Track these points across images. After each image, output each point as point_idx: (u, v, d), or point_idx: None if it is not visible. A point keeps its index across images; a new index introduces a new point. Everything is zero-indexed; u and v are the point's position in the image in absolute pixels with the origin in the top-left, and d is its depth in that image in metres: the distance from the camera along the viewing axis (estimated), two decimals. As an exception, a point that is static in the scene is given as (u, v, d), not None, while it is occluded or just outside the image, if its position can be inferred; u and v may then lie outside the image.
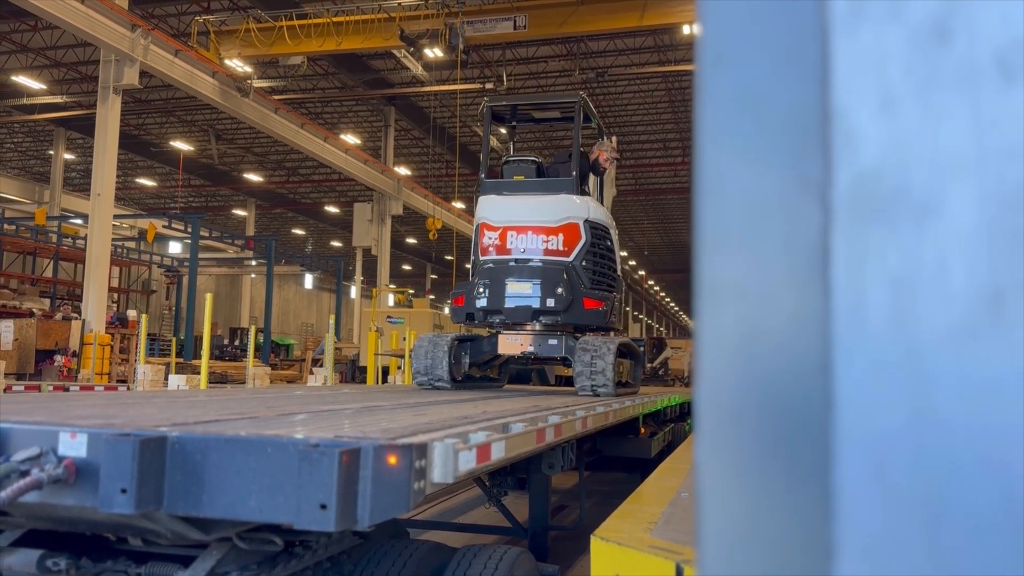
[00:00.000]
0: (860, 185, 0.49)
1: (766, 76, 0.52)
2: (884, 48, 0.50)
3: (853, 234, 0.49)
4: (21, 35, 25.05)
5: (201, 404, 3.65)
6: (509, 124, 8.49)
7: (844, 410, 0.49)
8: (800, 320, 0.50)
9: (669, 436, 8.93)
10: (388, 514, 1.97)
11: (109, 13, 16.93)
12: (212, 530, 2.28)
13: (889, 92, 0.50)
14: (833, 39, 0.50)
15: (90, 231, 18.40)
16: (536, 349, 6.95)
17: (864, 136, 0.50)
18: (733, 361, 0.53)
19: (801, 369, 0.50)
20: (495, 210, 6.99)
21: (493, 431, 2.73)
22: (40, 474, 1.97)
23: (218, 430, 2.19)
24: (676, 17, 18.12)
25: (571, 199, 6.87)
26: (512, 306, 6.66)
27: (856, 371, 0.49)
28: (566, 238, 6.72)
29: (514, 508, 5.86)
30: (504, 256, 6.84)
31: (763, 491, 0.52)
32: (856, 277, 0.49)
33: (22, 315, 20.37)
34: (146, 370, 12.95)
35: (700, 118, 0.53)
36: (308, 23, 19.75)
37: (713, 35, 0.54)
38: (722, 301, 0.53)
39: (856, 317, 0.49)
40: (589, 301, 6.66)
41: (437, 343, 6.79)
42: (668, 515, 3.07)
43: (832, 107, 0.50)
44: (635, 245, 52.59)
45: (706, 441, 0.54)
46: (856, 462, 0.49)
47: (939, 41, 0.49)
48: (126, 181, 37.80)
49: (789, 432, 0.51)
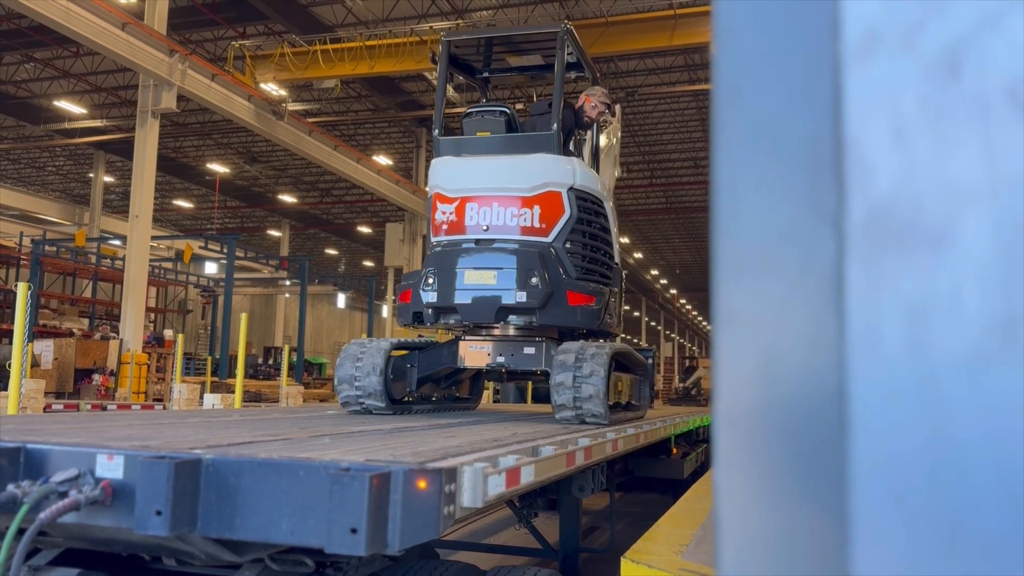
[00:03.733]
0: (874, 214, 0.50)
1: (781, 108, 0.53)
2: (896, 80, 0.51)
3: (867, 262, 0.50)
4: (63, 61, 25.71)
5: (235, 425, 3.69)
6: (479, 75, 6.75)
7: (860, 435, 0.49)
8: (816, 346, 0.51)
9: (702, 456, 8.85)
10: (418, 539, 1.97)
11: (148, 39, 17.34)
12: (245, 552, 2.30)
13: (901, 123, 0.51)
14: (846, 71, 0.51)
15: (128, 252, 18.75)
16: (507, 360, 5.30)
17: (877, 166, 0.51)
18: (750, 387, 0.54)
19: (817, 394, 0.51)
20: (451, 176, 5.40)
21: (523, 454, 2.74)
22: (78, 496, 2.00)
23: (251, 452, 2.21)
24: (706, 36, 18.11)
25: (551, 160, 5.22)
26: (468, 301, 5.09)
27: (871, 396, 0.50)
28: (544, 211, 5.13)
29: (544, 529, 5.84)
30: (460, 236, 5.25)
31: (781, 515, 0.52)
32: (871, 304, 0.50)
33: (62, 335, 20.78)
34: (182, 389, 13.11)
35: (716, 149, 0.55)
36: (341, 47, 20.05)
37: (728, 68, 0.55)
38: (739, 328, 0.54)
39: (871, 343, 0.50)
40: (575, 296, 5.07)
41: (368, 351, 5.09)
42: (699, 537, 3.05)
43: (845, 138, 0.51)
44: (667, 264, 52.36)
45: (725, 465, 0.55)
46: (872, 487, 0.49)
47: (951, 74, 0.50)
48: (163, 203, 38.47)
49: (805, 457, 0.52)
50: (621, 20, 18.62)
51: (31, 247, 24.52)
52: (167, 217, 41.76)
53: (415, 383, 5.41)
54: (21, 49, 24.57)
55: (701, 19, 17.85)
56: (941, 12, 0.50)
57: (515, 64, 6.57)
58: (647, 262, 50.37)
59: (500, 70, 6.71)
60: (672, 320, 65.06)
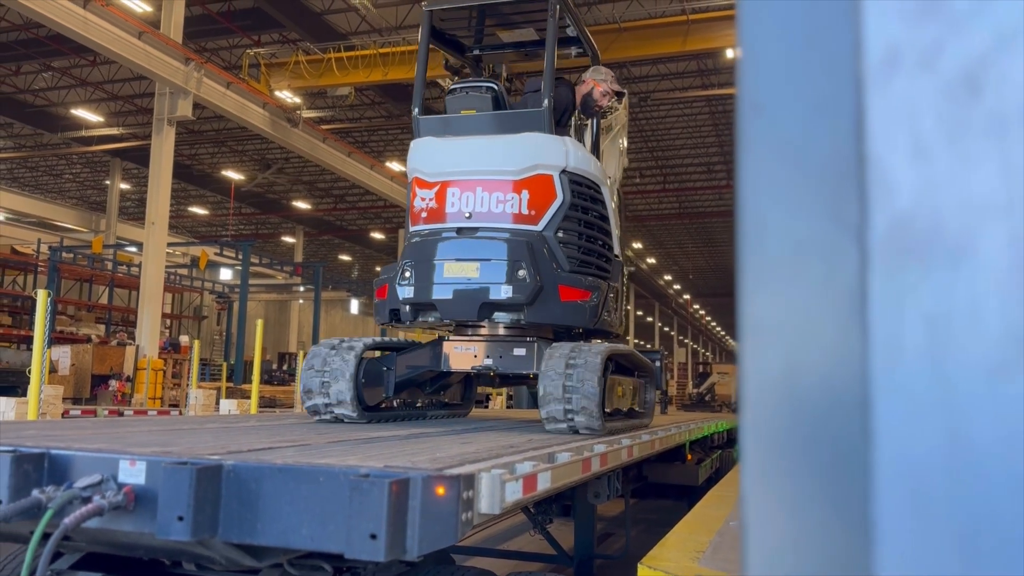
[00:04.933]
0: (896, 228, 0.52)
1: (804, 125, 0.55)
2: (917, 98, 0.53)
3: (889, 275, 0.52)
4: (80, 70, 25.96)
5: (253, 430, 3.72)
6: (469, 52, 6.19)
7: (882, 443, 0.51)
8: (839, 357, 0.53)
9: (717, 463, 8.83)
10: (436, 544, 1.99)
11: (164, 48, 17.49)
12: (265, 557, 2.32)
13: (922, 140, 0.53)
14: (868, 89, 0.53)
15: (144, 259, 18.91)
16: (496, 363, 4.79)
17: (899, 181, 0.52)
18: (776, 396, 0.55)
19: (841, 404, 0.53)
20: (431, 158, 4.91)
21: (539, 461, 2.75)
22: (101, 501, 2.03)
23: (271, 458, 2.23)
24: (719, 41, 18.12)
25: (540, 139, 4.72)
26: (448, 297, 4.60)
27: (894, 406, 0.51)
28: (533, 196, 4.65)
29: (559, 535, 5.84)
30: (440, 224, 4.77)
31: (806, 520, 0.54)
32: (893, 316, 0.52)
33: (79, 341, 20.94)
34: (198, 395, 13.19)
35: (742, 164, 0.57)
36: (355, 55, 20.16)
37: (752, 85, 0.57)
38: (765, 339, 0.55)
39: (893, 354, 0.51)
40: (568, 290, 4.60)
41: (337, 353, 4.55)
42: (716, 544, 3.05)
43: (868, 154, 0.53)
44: (680, 269, 52.24)
45: (751, 473, 0.57)
46: (894, 492, 0.51)
47: (970, 93, 0.52)
48: (179, 210, 38.73)
49: (830, 464, 0.53)
50: (634, 26, 18.63)
51: (49, 254, 24.74)
52: (183, 224, 42.03)
53: (391, 388, 4.83)
54: (39, 58, 24.84)
55: (714, 24, 17.83)
56: (960, 32, 0.52)
57: (507, 40, 6.02)
58: (660, 267, 50.28)
59: (492, 47, 6.14)
60: (686, 326, 64.86)
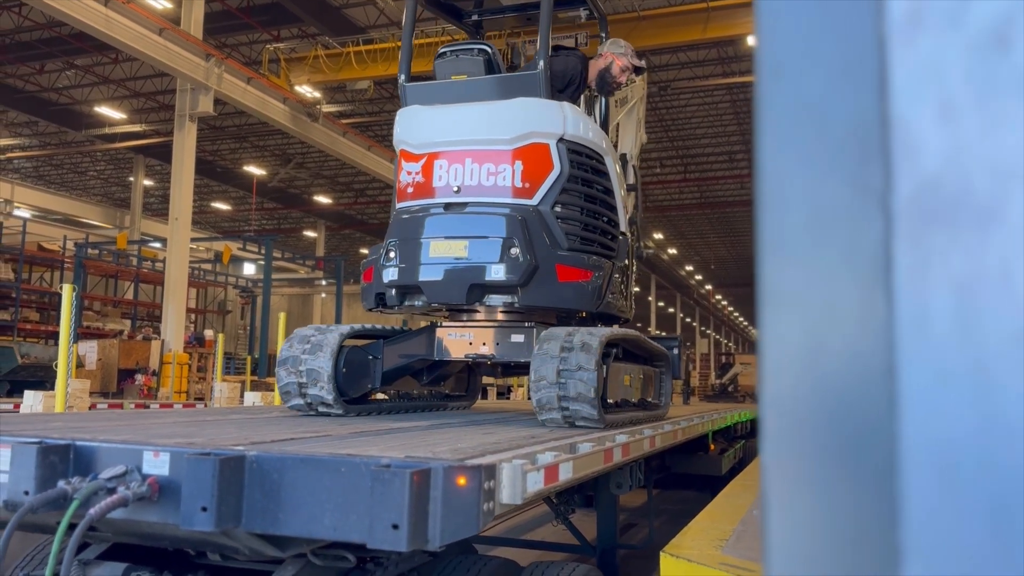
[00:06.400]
0: (921, 192, 0.50)
1: (825, 86, 0.53)
2: (943, 56, 0.51)
3: (915, 240, 0.50)
4: (103, 67, 26.19)
5: (276, 422, 3.74)
6: (467, 18, 5.76)
7: (909, 416, 0.49)
8: (864, 327, 0.51)
9: (740, 453, 8.80)
10: (458, 535, 1.99)
11: (185, 44, 17.61)
12: (288, 547, 2.33)
13: (948, 100, 0.50)
14: (891, 48, 0.51)
15: (168, 254, 19.09)
16: (495, 350, 4.43)
17: (924, 144, 0.50)
18: (797, 369, 0.53)
19: (865, 376, 0.51)
20: (417, 128, 4.53)
21: (561, 451, 2.74)
22: (126, 492, 2.05)
23: (294, 449, 2.24)
24: (739, 28, 17.94)
25: (535, 104, 4.34)
26: (434, 278, 4.21)
27: (921, 377, 0.49)
28: (527, 167, 4.26)
29: (582, 525, 5.84)
30: (427, 200, 4.39)
31: (829, 497, 0.52)
32: (919, 283, 0.50)
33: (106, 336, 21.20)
34: (222, 388, 13.31)
35: (760, 129, 0.55)
36: (374, 48, 20.19)
37: (771, 47, 0.55)
38: (785, 310, 0.53)
39: (920, 323, 0.49)
40: (566, 270, 4.20)
41: (314, 343, 4.22)
42: (739, 532, 3.03)
43: (891, 116, 0.51)
44: (701, 259, 51.95)
45: (771, 449, 0.55)
46: (922, 468, 0.49)
47: (998, 49, 0.50)
48: (202, 205, 39.04)
49: (854, 439, 0.51)
50: (653, 14, 18.49)
51: (74, 250, 25.04)
52: (206, 219, 42.37)
53: (378, 379, 4.50)
54: (62, 56, 25.08)
55: (734, 11, 17.65)
56: (988, -14, 0.50)
57: (506, 2, 5.64)
58: (682, 258, 50.03)
59: (491, 11, 5.74)
60: (708, 316, 64.55)
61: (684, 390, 15.85)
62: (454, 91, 4.51)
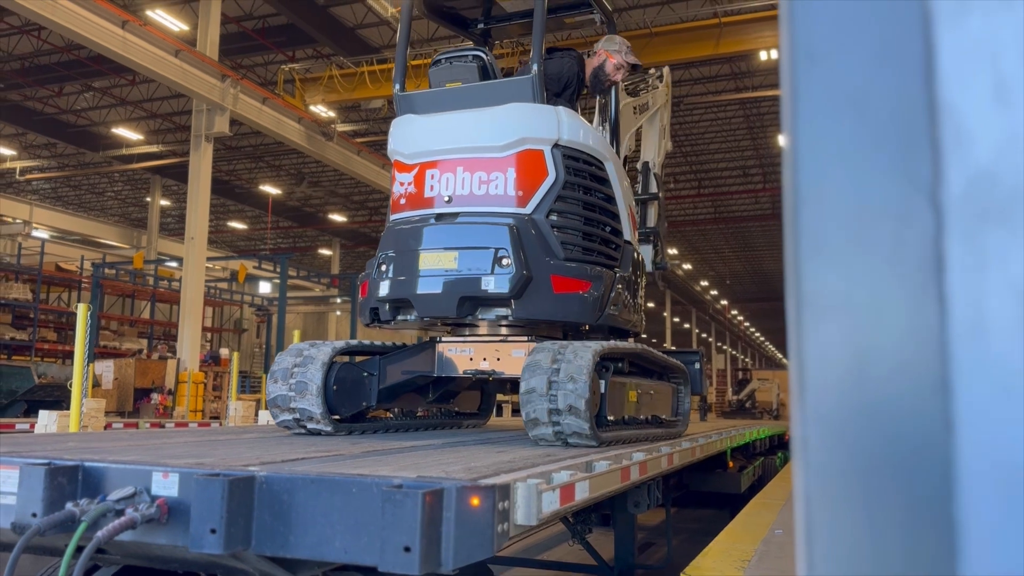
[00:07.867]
0: (975, 185, 0.45)
1: (865, 71, 0.48)
2: (996, 37, 0.46)
3: (970, 239, 0.45)
4: (120, 89, 26.49)
5: (288, 441, 3.70)
6: (472, 27, 5.65)
7: (967, 433, 0.44)
8: (913, 334, 0.46)
9: (759, 470, 8.69)
10: (472, 557, 1.93)
11: (201, 65, 17.79)
12: (298, 570, 2.28)
13: (1003, 84, 0.46)
14: (938, 29, 0.46)
15: (185, 273, 19.19)
16: (495, 365, 4.31)
17: (977, 132, 0.46)
18: (839, 380, 0.48)
19: (916, 390, 0.46)
20: (409, 137, 4.46)
21: (577, 470, 2.68)
22: (135, 514, 2.01)
23: (304, 469, 2.20)
24: (752, 44, 17.93)
25: (527, 110, 4.22)
26: (424, 291, 4.11)
27: (979, 389, 0.44)
28: (520, 175, 4.13)
29: (599, 545, 5.75)
30: (420, 211, 4.30)
31: (878, 523, 0.47)
32: (975, 286, 0.45)
33: (122, 355, 21.30)
34: (237, 406, 13.31)
35: (793, 120, 0.50)
36: (388, 67, 20.29)
37: (804, 32, 0.50)
38: (825, 315, 0.49)
39: (976, 330, 0.44)
40: (562, 281, 4.05)
41: (306, 355, 4.10)
42: (762, 553, 2.96)
43: (940, 102, 0.46)
44: (716, 275, 51.74)
45: (811, 469, 0.50)
46: (982, 493, 0.44)
47: (1061, 24, 0.45)
48: (218, 224, 39.29)
49: (905, 457, 0.46)
50: (666, 30, 18.51)
51: (92, 270, 25.24)
52: (222, 238, 42.62)
53: (374, 396, 4.35)
54: (80, 79, 25.39)
55: (746, 26, 17.66)
56: (1046, -41, 0.45)
57: (510, 9, 5.46)
58: (697, 273, 49.83)
59: (497, 19, 5.58)
60: (724, 332, 64.19)
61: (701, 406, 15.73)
62: (447, 99, 4.43)
